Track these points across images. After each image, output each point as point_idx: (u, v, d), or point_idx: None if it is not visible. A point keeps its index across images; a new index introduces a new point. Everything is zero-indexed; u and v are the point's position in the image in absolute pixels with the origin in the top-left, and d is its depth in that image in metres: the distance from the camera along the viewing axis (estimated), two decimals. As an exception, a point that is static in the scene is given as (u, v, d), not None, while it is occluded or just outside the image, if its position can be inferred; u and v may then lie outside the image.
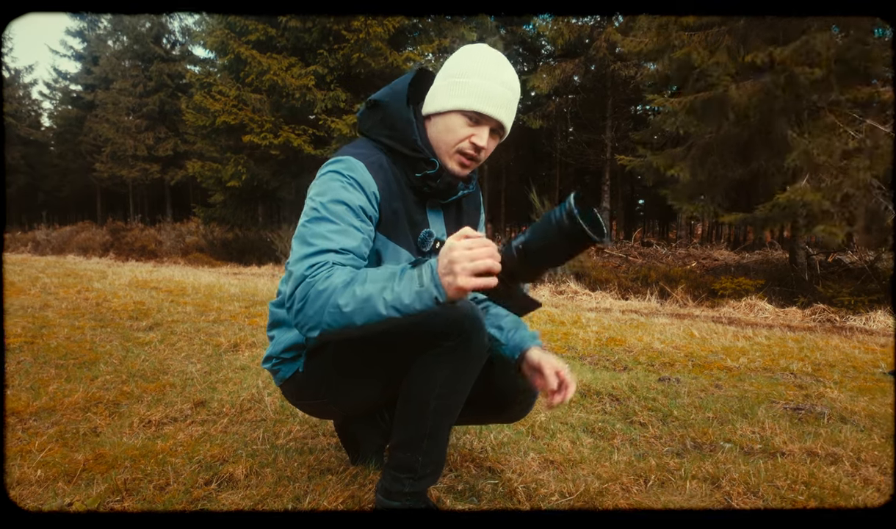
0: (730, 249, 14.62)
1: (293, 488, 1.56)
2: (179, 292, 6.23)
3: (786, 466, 1.79)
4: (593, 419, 2.34)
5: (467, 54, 1.32)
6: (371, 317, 1.08)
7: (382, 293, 1.07)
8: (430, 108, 1.33)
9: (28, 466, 1.68)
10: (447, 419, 1.30)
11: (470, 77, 1.27)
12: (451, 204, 1.44)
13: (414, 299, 1.06)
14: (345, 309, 1.09)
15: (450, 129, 1.29)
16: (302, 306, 1.13)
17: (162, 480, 1.61)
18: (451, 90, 1.29)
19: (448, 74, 1.31)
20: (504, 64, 1.30)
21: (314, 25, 11.31)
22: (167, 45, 25.44)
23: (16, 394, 2.41)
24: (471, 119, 1.28)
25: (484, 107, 1.27)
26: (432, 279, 1.06)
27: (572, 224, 1.01)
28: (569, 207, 1.01)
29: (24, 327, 3.80)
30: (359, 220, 1.24)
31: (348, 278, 1.12)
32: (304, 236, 1.21)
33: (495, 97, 1.27)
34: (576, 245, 1.04)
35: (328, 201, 1.23)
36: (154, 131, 23.85)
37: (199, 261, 13.73)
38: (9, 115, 25.31)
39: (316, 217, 1.22)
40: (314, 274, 1.14)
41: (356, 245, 1.22)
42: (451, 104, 1.28)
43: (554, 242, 1.05)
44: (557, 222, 1.03)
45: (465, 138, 1.30)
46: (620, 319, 5.76)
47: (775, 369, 3.43)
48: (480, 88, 1.26)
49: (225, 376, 2.80)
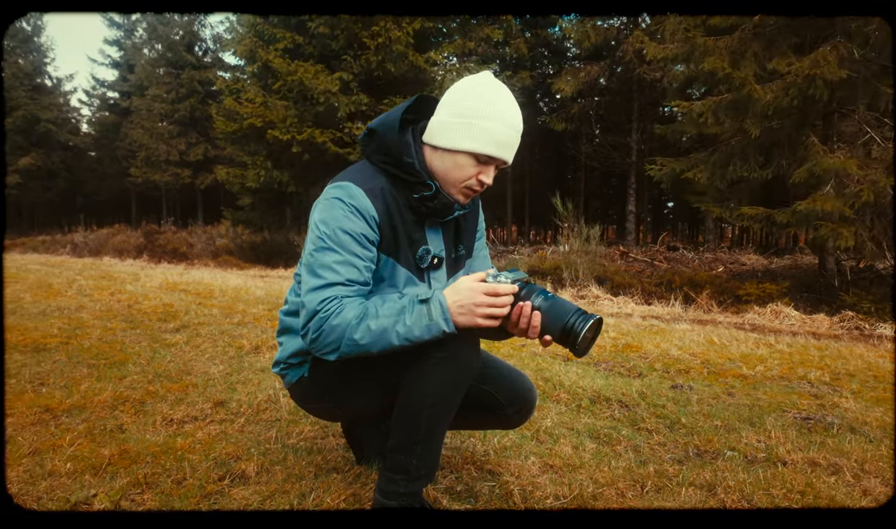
0: (759, 253, 14.31)
1: (300, 485, 1.65)
2: (207, 295, 6.43)
3: (785, 475, 1.80)
4: (600, 426, 2.37)
5: (478, 95, 1.36)
6: (384, 347, 1.25)
7: (395, 327, 1.23)
8: (438, 141, 1.39)
9: (58, 459, 1.81)
10: (440, 426, 1.37)
11: (481, 121, 1.34)
12: (449, 222, 1.52)
13: (423, 331, 1.23)
14: (361, 342, 1.25)
15: (459, 166, 1.38)
16: (317, 337, 1.27)
17: (179, 475, 1.71)
18: (461, 131, 1.35)
19: (458, 113, 1.37)
20: (512, 104, 1.38)
21: (341, 32, 11.51)
22: (199, 52, 26.15)
23: (50, 392, 2.57)
24: (480, 160, 1.38)
25: (495, 151, 1.36)
26: (442, 315, 1.23)
27: (576, 336, 1.25)
28: (586, 325, 1.25)
29: (59, 329, 4.00)
30: (361, 247, 1.34)
31: (360, 312, 1.25)
32: (313, 266, 1.33)
33: (505, 141, 1.36)
34: (563, 344, 1.28)
35: (332, 231, 1.33)
36: (185, 137, 24.53)
37: (229, 263, 14.06)
38: (50, 122, 26.27)
39: (322, 247, 1.33)
40: (326, 308, 1.27)
41: (360, 275, 1.33)
42: (463, 146, 1.36)
43: (556, 328, 1.27)
44: (571, 324, 1.26)
45: (473, 176, 1.39)
46: (640, 324, 5.74)
47: (792, 377, 3.39)
48: (492, 132, 1.34)
49: (245, 377, 2.92)
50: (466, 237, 1.58)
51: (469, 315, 1.24)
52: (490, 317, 1.25)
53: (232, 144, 13.68)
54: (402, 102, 1.48)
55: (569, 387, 2.89)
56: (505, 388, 1.57)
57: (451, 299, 1.25)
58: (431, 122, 1.42)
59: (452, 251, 1.53)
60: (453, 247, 1.53)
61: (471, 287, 1.26)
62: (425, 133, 1.43)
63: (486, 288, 1.25)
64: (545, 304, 1.29)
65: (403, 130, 1.43)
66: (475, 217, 1.63)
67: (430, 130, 1.42)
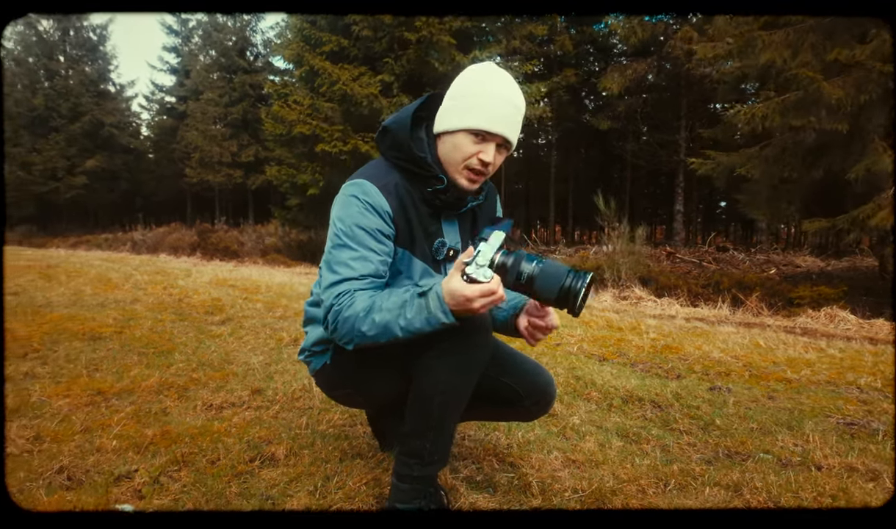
0: (815, 255, 13.65)
1: (325, 468, 1.72)
2: (253, 290, 6.66)
3: (818, 479, 1.74)
4: (630, 425, 2.35)
5: (471, 75, 1.43)
6: (390, 338, 1.30)
7: (397, 320, 1.28)
8: (439, 127, 1.45)
9: (106, 437, 1.94)
10: (452, 413, 1.40)
11: (474, 98, 1.39)
12: (465, 214, 1.55)
13: (424, 323, 1.27)
14: (368, 334, 1.31)
15: (458, 147, 1.41)
16: (334, 329, 1.36)
17: (214, 455, 1.81)
18: (457, 111, 1.40)
19: (454, 95, 1.43)
20: (507, 81, 1.40)
21: (384, 35, 11.69)
22: (250, 57, 27.05)
23: (103, 377, 2.74)
24: (477, 136, 1.40)
25: (489, 125, 1.38)
26: (440, 307, 1.25)
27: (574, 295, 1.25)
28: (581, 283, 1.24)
29: (115, 319, 4.25)
30: (376, 242, 1.40)
31: (368, 304, 1.31)
32: (330, 263, 1.40)
33: (499, 115, 1.38)
34: (559, 306, 1.29)
35: (348, 227, 1.40)
36: (237, 139, 25.41)
37: (276, 261, 14.49)
38: (113, 126, 27.70)
39: (339, 244, 1.40)
40: (339, 302, 1.34)
41: (374, 269, 1.39)
42: (459, 124, 1.40)
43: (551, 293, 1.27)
44: (567, 285, 1.25)
45: (472, 155, 1.41)
46: (683, 326, 5.59)
47: (840, 382, 3.25)
48: (484, 107, 1.37)
49: (283, 367, 3.03)
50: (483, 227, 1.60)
51: (464, 305, 1.22)
52: (484, 306, 1.22)
53: (281, 147, 14.09)
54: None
55: (601, 386, 2.87)
56: (524, 380, 1.58)
57: (446, 290, 1.24)
58: (438, 115, 1.47)
59: (469, 242, 1.56)
60: (470, 239, 1.56)
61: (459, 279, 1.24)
62: (436, 128, 1.47)
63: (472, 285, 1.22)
64: (536, 269, 1.27)
65: (416, 127, 1.47)
66: (492, 209, 1.65)
67: (435, 122, 1.47)
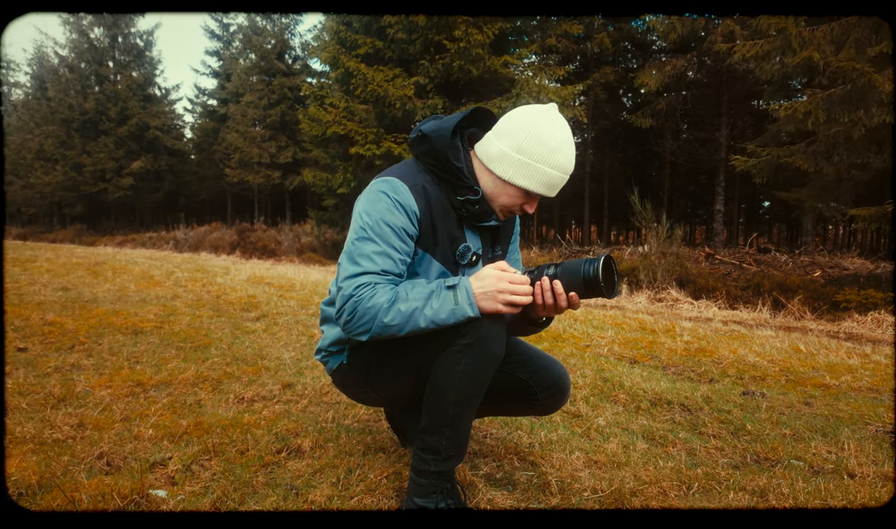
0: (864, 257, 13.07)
1: (348, 461, 1.76)
2: (288, 288, 6.82)
3: (849, 487, 1.69)
4: (656, 428, 2.32)
5: (540, 138, 1.42)
6: (413, 329, 1.34)
7: (423, 310, 1.32)
8: (495, 169, 1.47)
9: (143, 426, 2.03)
10: (467, 410, 1.42)
11: (539, 164, 1.43)
12: (486, 227, 1.59)
13: (449, 315, 1.32)
14: (391, 324, 1.34)
15: (510, 196, 1.48)
16: (351, 318, 1.37)
17: (243, 446, 1.87)
18: (520, 167, 1.44)
19: (519, 150, 1.43)
20: (570, 149, 1.45)
21: (418, 37, 11.77)
22: (289, 60, 27.59)
23: (143, 369, 2.86)
24: (530, 196, 1.48)
25: (546, 192, 1.46)
26: (467, 300, 1.32)
27: (595, 279, 1.34)
28: (598, 264, 1.33)
29: (155, 315, 4.42)
30: (399, 240, 1.42)
31: (392, 296, 1.35)
32: (353, 254, 1.42)
33: (556, 184, 1.46)
34: (591, 294, 1.36)
35: (375, 222, 1.42)
36: (276, 140, 25.96)
37: (312, 260, 14.78)
38: (157, 129, 28.72)
39: (363, 237, 1.42)
40: (360, 293, 1.36)
41: (395, 266, 1.41)
42: (519, 183, 1.45)
43: (577, 283, 1.36)
44: (585, 272, 1.35)
45: (518, 205, 1.50)
46: (719, 329, 5.45)
47: (883, 390, 3.12)
48: (548, 176, 1.44)
49: (313, 363, 3.10)
50: (503, 239, 1.66)
51: (492, 301, 1.32)
52: (511, 304, 1.34)
53: (317, 147, 14.35)
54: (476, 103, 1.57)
55: (629, 388, 2.83)
56: (538, 375, 1.60)
57: (475, 285, 1.33)
58: (490, 145, 1.48)
59: (489, 251, 1.60)
60: (490, 248, 1.59)
61: (493, 275, 1.34)
62: (481, 151, 1.50)
63: (509, 276, 1.34)
64: (557, 271, 1.39)
65: (454, 135, 1.50)
66: (511, 227, 1.70)
67: (488, 152, 1.48)
